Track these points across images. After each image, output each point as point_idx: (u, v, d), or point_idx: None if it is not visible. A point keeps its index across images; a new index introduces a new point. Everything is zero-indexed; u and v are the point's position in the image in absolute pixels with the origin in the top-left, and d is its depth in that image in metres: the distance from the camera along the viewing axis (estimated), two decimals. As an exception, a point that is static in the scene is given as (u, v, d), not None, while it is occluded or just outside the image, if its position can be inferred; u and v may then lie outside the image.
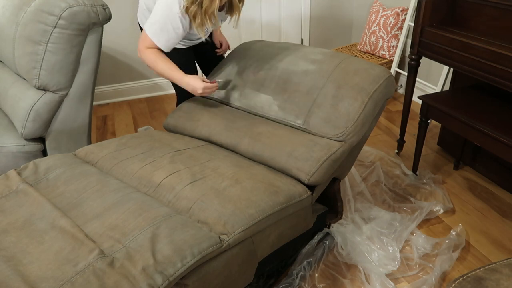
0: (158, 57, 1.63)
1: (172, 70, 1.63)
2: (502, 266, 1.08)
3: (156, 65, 1.64)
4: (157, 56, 1.63)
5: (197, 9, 1.50)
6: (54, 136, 1.83)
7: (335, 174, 1.58)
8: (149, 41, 1.62)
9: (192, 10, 1.50)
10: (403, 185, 2.15)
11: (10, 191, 1.33)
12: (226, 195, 1.27)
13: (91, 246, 1.08)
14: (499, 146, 1.69)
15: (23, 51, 1.68)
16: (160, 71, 1.64)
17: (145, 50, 1.63)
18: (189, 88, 1.62)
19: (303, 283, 1.61)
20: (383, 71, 1.61)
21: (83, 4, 1.64)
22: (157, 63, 1.63)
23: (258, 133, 1.57)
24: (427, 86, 2.95)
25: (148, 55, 1.63)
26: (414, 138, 2.57)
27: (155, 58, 1.62)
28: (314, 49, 1.77)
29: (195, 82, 1.60)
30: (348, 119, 1.51)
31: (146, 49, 1.63)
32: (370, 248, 1.71)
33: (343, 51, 3.36)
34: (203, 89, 1.59)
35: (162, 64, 1.63)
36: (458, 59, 1.88)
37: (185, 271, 1.06)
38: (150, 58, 1.63)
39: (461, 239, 1.79)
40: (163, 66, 1.63)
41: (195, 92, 1.62)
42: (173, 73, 1.63)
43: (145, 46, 1.63)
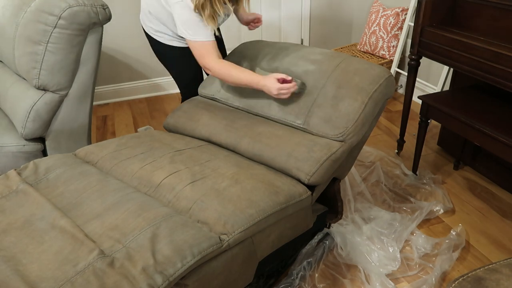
0: (230, 68, 1.58)
1: (249, 75, 1.57)
2: (502, 266, 1.08)
3: (232, 76, 1.58)
4: (229, 67, 1.58)
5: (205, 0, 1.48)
6: (54, 136, 1.83)
7: (335, 174, 1.58)
8: (198, 47, 1.58)
9: (199, 2, 1.48)
10: (403, 185, 2.15)
11: (10, 191, 1.33)
12: (226, 195, 1.27)
13: (91, 246, 1.08)
14: (499, 146, 1.69)
15: (23, 51, 1.68)
16: (237, 80, 1.59)
17: (212, 67, 1.58)
18: (266, 90, 1.54)
19: (303, 283, 1.61)
20: (383, 71, 1.61)
21: (83, 4, 1.64)
22: (231, 74, 1.58)
23: (258, 133, 1.57)
24: (427, 86, 2.95)
25: (218, 70, 1.58)
26: (414, 138, 2.57)
27: (228, 70, 1.58)
28: (314, 49, 1.77)
29: (270, 83, 1.50)
30: (348, 119, 1.51)
31: (212, 65, 1.58)
32: (370, 248, 1.70)
33: (343, 51, 3.36)
34: (278, 90, 1.50)
35: (237, 73, 1.57)
36: (458, 59, 1.88)
37: (185, 271, 1.06)
38: (223, 72, 1.59)
39: (461, 239, 1.79)
40: (238, 75, 1.57)
41: (270, 94, 1.53)
42: (251, 78, 1.56)
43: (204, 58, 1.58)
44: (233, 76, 1.58)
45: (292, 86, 1.51)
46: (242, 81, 1.58)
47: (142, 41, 1.93)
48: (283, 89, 1.50)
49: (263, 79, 1.53)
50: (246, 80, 1.57)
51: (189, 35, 1.59)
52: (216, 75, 1.62)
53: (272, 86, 1.50)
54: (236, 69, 1.59)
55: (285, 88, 1.50)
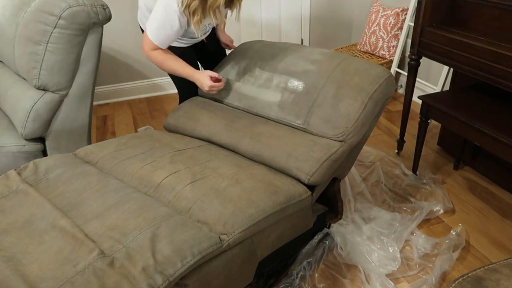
0: (165, 56, 1.66)
1: (182, 67, 1.67)
2: (502, 266, 1.08)
3: (164, 65, 1.67)
4: (164, 55, 1.65)
5: (198, 5, 1.49)
6: (54, 136, 1.83)
7: (335, 174, 1.58)
8: (148, 40, 1.63)
9: (192, 7, 1.50)
10: (403, 185, 2.15)
11: (10, 191, 1.33)
12: (226, 195, 1.27)
13: (91, 246, 1.08)
14: (499, 146, 1.69)
15: (23, 51, 1.68)
16: (169, 70, 1.68)
17: (151, 52, 1.65)
18: (198, 84, 1.67)
19: (303, 283, 1.61)
20: (383, 71, 1.61)
21: (83, 4, 1.64)
22: (164, 63, 1.66)
23: (258, 133, 1.57)
24: (427, 86, 2.95)
25: (155, 56, 1.65)
26: (414, 138, 2.57)
27: (161, 58, 1.65)
28: (314, 49, 1.77)
29: (203, 79, 1.64)
30: (348, 119, 1.51)
31: (151, 50, 1.64)
32: (370, 249, 1.70)
33: (343, 51, 3.36)
34: (210, 87, 1.64)
35: (170, 63, 1.66)
36: (458, 59, 1.88)
37: (185, 271, 1.06)
38: (157, 59, 1.66)
39: (461, 239, 1.79)
40: (172, 65, 1.67)
41: (202, 88, 1.66)
42: (183, 70, 1.67)
43: (148, 47, 1.64)
44: (166, 65, 1.67)
45: (221, 85, 1.68)
46: (176, 71, 1.68)
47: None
48: (214, 87, 1.65)
49: (197, 73, 1.66)
50: (180, 71, 1.68)
51: (150, 30, 1.61)
52: (152, 59, 1.68)
53: (205, 82, 1.63)
54: (173, 59, 1.67)
55: (216, 86, 1.65)
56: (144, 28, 1.85)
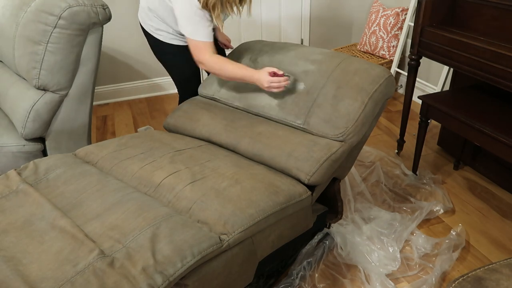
0: (223, 62, 1.61)
1: (243, 70, 1.60)
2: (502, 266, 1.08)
3: (224, 70, 1.61)
4: (222, 61, 1.61)
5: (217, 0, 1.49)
6: (54, 136, 1.83)
7: (335, 174, 1.58)
8: (196, 44, 1.59)
9: (211, 2, 1.50)
10: (403, 185, 2.15)
11: (10, 191, 1.33)
12: (226, 195, 1.27)
13: (91, 246, 1.08)
14: (499, 146, 1.69)
15: (23, 51, 1.68)
16: (230, 74, 1.62)
17: (206, 60, 1.61)
18: (258, 83, 1.58)
19: (303, 283, 1.61)
20: (383, 71, 1.61)
21: (83, 4, 1.64)
22: (224, 68, 1.61)
23: (258, 133, 1.57)
24: (427, 86, 2.95)
25: (212, 64, 1.61)
26: (414, 138, 2.57)
27: (220, 64, 1.61)
28: (314, 49, 1.77)
29: (262, 76, 1.55)
30: (348, 119, 1.51)
31: (207, 58, 1.61)
32: (370, 249, 1.70)
33: (343, 51, 3.36)
34: (268, 82, 1.54)
35: (230, 67, 1.61)
36: (458, 59, 1.88)
37: (185, 271, 1.06)
38: (216, 66, 1.61)
39: (461, 239, 1.79)
40: (232, 69, 1.60)
41: (262, 86, 1.58)
42: (244, 72, 1.60)
43: (200, 52, 1.60)
44: (227, 70, 1.61)
45: (283, 80, 1.55)
46: (236, 75, 1.61)
47: (142, 41, 1.93)
48: (274, 82, 1.54)
49: (257, 73, 1.57)
50: (240, 74, 1.60)
51: (189, 32, 1.60)
52: (210, 69, 1.64)
53: (264, 79, 1.54)
54: (230, 63, 1.61)
55: (275, 81, 1.54)
56: (147, 28, 1.85)
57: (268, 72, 1.55)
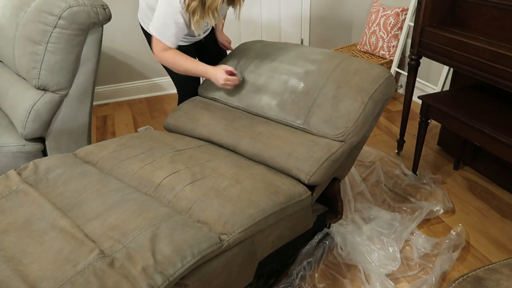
0: (176, 56, 1.64)
1: (195, 65, 1.65)
2: (502, 266, 1.08)
3: (176, 65, 1.65)
4: (175, 55, 1.64)
5: (197, 5, 1.50)
6: (54, 136, 1.83)
7: (335, 174, 1.58)
8: (157, 42, 1.62)
9: (192, 7, 1.51)
10: (403, 185, 2.15)
11: (10, 191, 1.33)
12: (226, 195, 1.27)
13: (91, 246, 1.08)
14: (499, 146, 1.69)
15: (23, 51, 1.68)
16: (182, 69, 1.66)
17: (161, 53, 1.64)
18: (213, 80, 1.65)
19: (303, 283, 1.61)
20: (383, 71, 1.61)
21: (83, 4, 1.64)
22: (177, 63, 1.65)
23: (258, 133, 1.57)
24: (427, 86, 2.95)
25: (166, 57, 1.64)
26: (414, 138, 2.57)
27: (173, 58, 1.64)
28: (314, 49, 1.77)
29: (218, 73, 1.62)
30: (348, 119, 1.51)
31: (160, 52, 1.63)
32: (370, 249, 1.70)
33: (343, 51, 3.36)
34: (224, 80, 1.62)
35: (183, 62, 1.64)
36: (458, 59, 1.88)
37: (185, 271, 1.06)
38: (169, 60, 1.65)
39: (461, 239, 1.79)
40: (184, 64, 1.65)
41: (217, 82, 1.64)
42: (197, 67, 1.65)
43: (158, 49, 1.63)
44: (180, 63, 1.65)
45: (237, 80, 1.66)
46: (190, 69, 1.66)
47: (142, 41, 1.93)
48: (229, 80, 1.63)
49: (212, 69, 1.63)
50: (195, 69, 1.66)
51: (156, 28, 1.61)
52: (164, 61, 1.67)
53: (220, 76, 1.62)
54: (184, 57, 1.64)
55: (231, 80, 1.64)
56: (146, 28, 1.85)
57: (225, 70, 1.63)
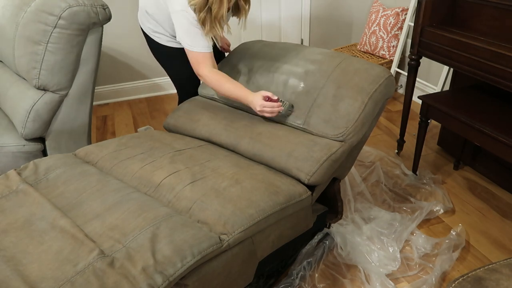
0: (221, 79, 1.61)
1: (239, 90, 1.59)
2: (502, 266, 1.08)
3: (221, 88, 1.61)
4: (220, 78, 1.61)
5: (206, 16, 1.50)
6: (54, 136, 1.83)
7: (335, 174, 1.58)
8: (195, 56, 1.60)
9: (201, 17, 1.51)
10: (403, 185, 2.15)
11: (10, 191, 1.33)
12: (226, 195, 1.27)
13: (91, 246, 1.08)
14: (499, 146, 1.69)
15: (23, 51, 1.68)
16: (226, 92, 1.61)
17: (206, 76, 1.62)
18: (252, 105, 1.57)
19: (303, 283, 1.61)
20: (383, 71, 1.61)
21: (83, 4, 1.64)
22: (222, 86, 1.61)
23: (258, 133, 1.57)
24: (427, 86, 2.95)
25: (211, 79, 1.61)
26: (414, 138, 2.57)
27: (218, 81, 1.61)
28: (314, 49, 1.77)
29: (256, 99, 1.54)
30: (348, 119, 1.51)
31: (205, 74, 1.61)
32: (370, 249, 1.70)
33: (343, 51, 3.36)
34: (260, 106, 1.53)
35: (227, 86, 1.60)
36: (458, 59, 1.88)
37: (185, 271, 1.06)
38: (214, 83, 1.61)
39: (461, 239, 1.79)
40: (228, 88, 1.60)
41: (254, 109, 1.57)
42: (240, 94, 1.59)
43: (199, 66, 1.61)
44: (223, 88, 1.60)
45: (276, 106, 1.53)
46: (231, 94, 1.61)
47: (142, 41, 1.93)
48: (267, 106, 1.52)
49: (251, 95, 1.56)
50: (236, 95, 1.60)
51: (187, 44, 1.60)
52: (208, 84, 1.64)
53: (257, 102, 1.53)
54: (228, 82, 1.60)
55: (269, 106, 1.52)
56: (145, 29, 1.85)
57: (263, 96, 1.53)
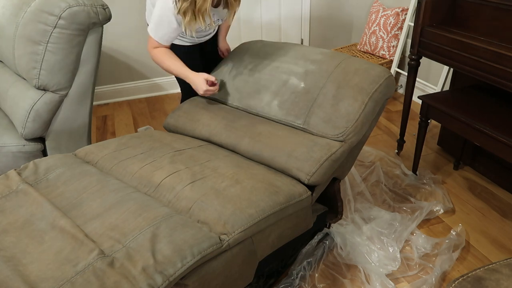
0: (164, 55, 1.69)
1: (178, 67, 1.69)
2: (502, 266, 1.08)
3: (162, 63, 1.71)
4: (163, 54, 1.70)
5: (188, 7, 1.52)
6: (54, 136, 1.83)
7: (335, 174, 1.58)
8: (151, 41, 1.68)
9: (183, 8, 1.53)
10: (403, 185, 2.15)
11: (10, 191, 1.33)
12: (226, 195, 1.27)
13: (91, 246, 1.08)
14: (499, 146, 1.69)
15: (23, 51, 1.68)
16: (167, 68, 1.72)
17: (152, 50, 1.70)
18: (193, 86, 1.68)
19: (303, 283, 1.61)
20: (383, 71, 1.61)
21: (83, 4, 1.64)
22: (163, 61, 1.70)
23: (258, 133, 1.57)
24: (427, 86, 2.95)
25: (155, 54, 1.70)
26: (414, 138, 2.57)
27: (161, 56, 1.69)
28: (314, 49, 1.77)
29: (199, 82, 1.65)
30: (348, 119, 1.51)
31: (152, 48, 1.70)
32: (370, 249, 1.70)
33: (343, 51, 3.36)
34: (204, 91, 1.65)
35: (168, 62, 1.70)
36: (458, 59, 1.88)
37: (185, 271, 1.06)
38: (157, 58, 1.70)
39: (461, 239, 1.79)
40: (169, 64, 1.70)
41: (197, 91, 1.68)
42: (179, 70, 1.70)
43: (150, 44, 1.69)
44: (164, 64, 1.70)
45: (216, 89, 1.69)
46: (172, 70, 1.71)
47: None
48: (209, 91, 1.66)
49: (193, 75, 1.67)
50: (176, 72, 1.71)
51: (150, 28, 1.68)
52: (152, 57, 1.73)
53: (200, 86, 1.65)
54: (168, 59, 1.69)
55: (211, 90, 1.66)
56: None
57: (206, 80, 1.65)
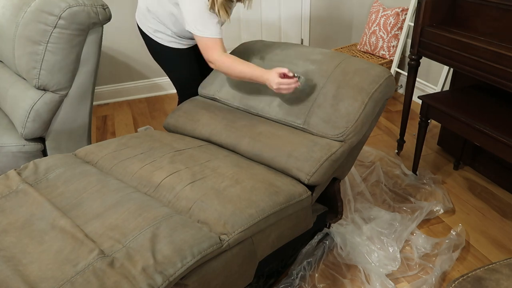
0: (232, 61, 1.56)
1: (252, 69, 1.55)
2: (502, 266, 1.08)
3: (233, 70, 1.57)
4: (231, 60, 1.57)
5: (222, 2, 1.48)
6: (54, 136, 1.83)
7: (335, 174, 1.58)
8: (206, 42, 1.57)
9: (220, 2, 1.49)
10: (403, 185, 2.15)
11: (10, 191, 1.33)
12: (226, 195, 1.27)
13: (91, 246, 1.08)
14: (499, 146, 1.69)
15: (23, 51, 1.68)
16: (239, 73, 1.57)
17: (216, 60, 1.57)
18: (268, 84, 1.52)
19: (303, 283, 1.61)
20: (383, 71, 1.61)
21: (83, 4, 1.64)
22: (235, 67, 1.56)
23: (258, 133, 1.57)
24: (427, 86, 2.95)
25: (221, 63, 1.57)
26: (414, 138, 2.57)
27: (229, 63, 1.56)
28: (314, 49, 1.77)
29: (272, 77, 1.49)
30: (348, 119, 1.51)
31: (215, 58, 1.57)
32: (370, 249, 1.70)
33: (343, 51, 3.36)
34: (277, 84, 1.48)
35: (239, 67, 1.56)
36: (458, 59, 1.88)
37: (185, 271, 1.06)
38: (225, 66, 1.57)
39: (461, 239, 1.79)
40: (241, 69, 1.56)
41: (271, 88, 1.52)
42: (253, 73, 1.54)
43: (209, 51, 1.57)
44: (236, 69, 1.56)
45: (293, 82, 1.48)
46: (245, 74, 1.56)
47: (142, 41, 1.93)
48: (283, 84, 1.47)
49: (266, 73, 1.51)
50: (249, 74, 1.55)
51: (198, 30, 1.56)
52: (219, 68, 1.59)
53: (273, 80, 1.48)
54: (240, 63, 1.56)
55: (285, 83, 1.47)
56: (144, 29, 1.84)
57: (278, 73, 1.48)
